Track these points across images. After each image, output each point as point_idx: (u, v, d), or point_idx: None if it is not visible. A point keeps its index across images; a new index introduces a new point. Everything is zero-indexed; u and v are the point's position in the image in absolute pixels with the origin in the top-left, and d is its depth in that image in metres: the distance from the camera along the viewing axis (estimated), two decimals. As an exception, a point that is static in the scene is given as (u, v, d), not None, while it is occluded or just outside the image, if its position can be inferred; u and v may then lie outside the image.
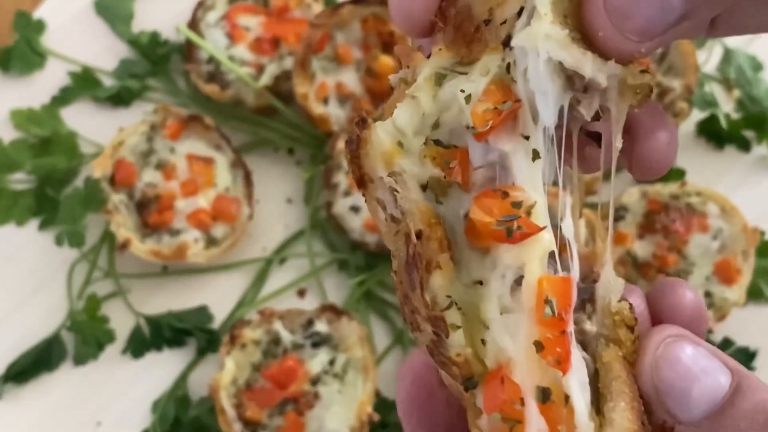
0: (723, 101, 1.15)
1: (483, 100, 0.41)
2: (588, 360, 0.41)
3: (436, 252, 0.40)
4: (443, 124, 0.43)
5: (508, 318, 0.40)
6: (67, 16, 1.17)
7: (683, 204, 1.01)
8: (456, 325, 0.40)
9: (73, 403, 1.01)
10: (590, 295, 0.42)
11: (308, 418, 0.92)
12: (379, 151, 0.43)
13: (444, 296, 0.40)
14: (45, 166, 1.07)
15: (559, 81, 0.41)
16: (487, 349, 0.40)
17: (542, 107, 0.41)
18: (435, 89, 0.43)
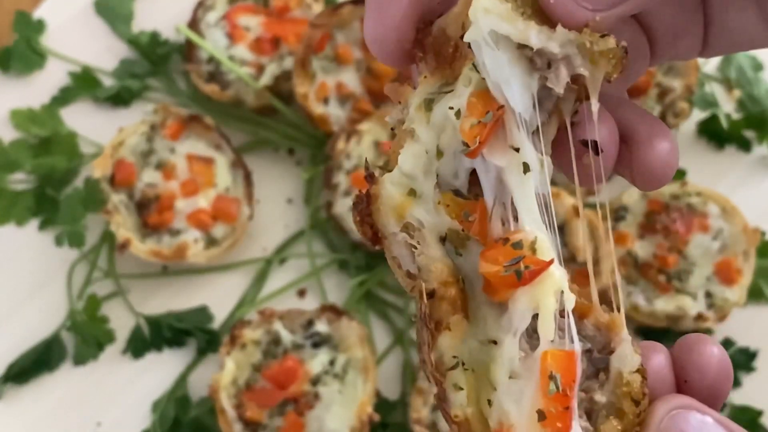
0: (723, 101, 1.15)
1: (468, 115, 0.41)
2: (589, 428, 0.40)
3: (447, 313, 0.41)
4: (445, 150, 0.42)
5: (516, 383, 0.39)
6: (67, 15, 1.17)
7: (684, 204, 1.01)
8: (459, 386, 0.40)
9: (73, 403, 1.01)
10: (605, 365, 0.41)
11: (308, 418, 0.92)
12: (390, 205, 0.43)
13: (451, 356, 0.41)
14: (45, 166, 1.07)
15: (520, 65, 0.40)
16: (492, 410, 0.40)
17: (510, 95, 0.40)
18: (427, 115, 0.42)
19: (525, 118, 0.40)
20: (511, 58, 0.40)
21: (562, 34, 0.40)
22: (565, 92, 0.41)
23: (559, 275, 0.41)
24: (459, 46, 0.42)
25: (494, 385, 0.40)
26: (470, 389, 0.40)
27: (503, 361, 0.40)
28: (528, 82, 0.40)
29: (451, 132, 0.42)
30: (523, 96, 0.40)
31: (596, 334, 0.41)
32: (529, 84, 0.40)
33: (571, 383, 0.38)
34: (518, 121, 0.40)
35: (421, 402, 0.94)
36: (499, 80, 0.40)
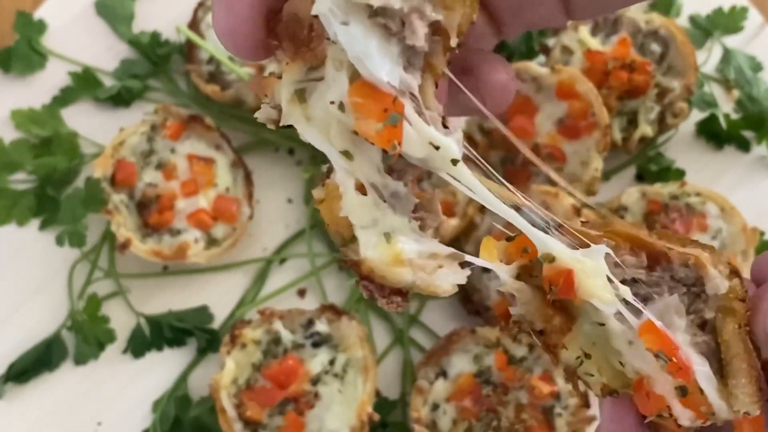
0: (722, 101, 1.15)
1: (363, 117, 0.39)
2: (708, 339, 0.45)
3: (559, 338, 0.46)
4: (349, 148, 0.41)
5: (635, 347, 0.44)
6: (67, 16, 1.17)
7: (683, 204, 1.02)
8: (590, 374, 0.46)
9: (73, 402, 1.01)
10: (702, 290, 0.45)
11: (308, 417, 0.92)
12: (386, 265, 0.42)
13: (574, 359, 0.46)
14: (46, 167, 1.07)
15: (375, 33, 0.39)
16: (626, 369, 0.45)
17: (374, 67, 0.39)
18: (303, 108, 0.41)
19: (392, 81, 0.39)
20: (364, 29, 0.39)
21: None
22: (432, 45, 0.40)
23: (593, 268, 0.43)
24: (313, 26, 0.40)
25: (619, 352, 0.45)
26: (599, 366, 0.46)
27: (616, 336, 0.44)
28: (387, 48, 0.39)
29: (338, 127, 0.40)
30: (386, 64, 0.39)
31: (686, 273, 0.45)
32: (389, 50, 0.39)
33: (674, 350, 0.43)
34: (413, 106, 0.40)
35: (421, 401, 0.94)
36: (358, 54, 0.39)
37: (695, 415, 0.44)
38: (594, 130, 1.01)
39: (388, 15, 0.39)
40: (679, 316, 0.44)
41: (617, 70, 1.05)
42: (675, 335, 0.44)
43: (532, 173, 1.03)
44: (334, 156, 0.41)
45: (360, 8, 0.38)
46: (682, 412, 0.44)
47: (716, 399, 0.44)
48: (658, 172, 1.11)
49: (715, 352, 0.45)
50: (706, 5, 1.18)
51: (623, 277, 0.44)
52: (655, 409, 0.45)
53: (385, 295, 0.43)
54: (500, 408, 0.92)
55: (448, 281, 0.43)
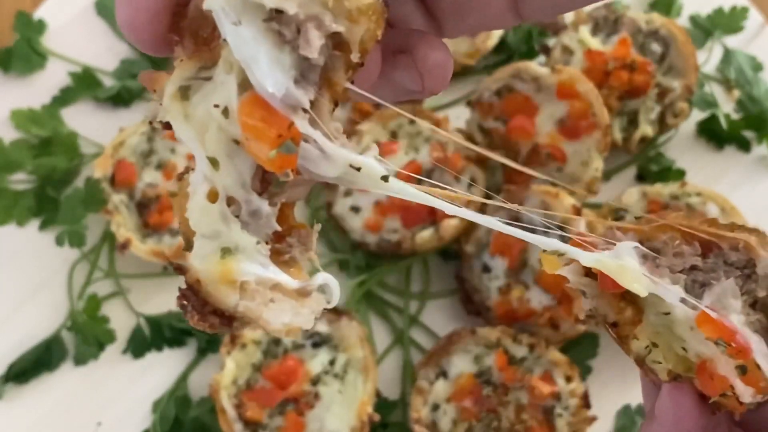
0: (723, 101, 1.15)
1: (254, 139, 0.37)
2: (762, 318, 0.47)
3: (630, 329, 0.48)
4: (218, 156, 0.38)
5: (696, 333, 0.46)
6: (67, 16, 1.17)
7: (683, 204, 1.01)
8: (657, 361, 0.49)
9: (73, 403, 1.01)
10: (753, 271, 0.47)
11: (309, 418, 0.92)
12: (214, 282, 0.39)
13: (643, 348, 0.49)
14: (45, 167, 1.07)
15: (267, 39, 0.36)
16: (689, 354, 0.48)
17: (261, 74, 0.36)
18: (184, 105, 0.38)
19: (277, 93, 0.36)
20: (256, 32, 0.36)
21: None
22: (332, 59, 0.38)
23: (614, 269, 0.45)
24: (215, 26, 0.37)
25: (682, 339, 0.47)
26: (665, 353, 0.49)
27: (680, 323, 0.47)
28: (279, 56, 0.36)
29: (215, 132, 0.38)
30: (275, 73, 0.36)
31: (738, 256, 0.47)
32: (281, 59, 0.36)
33: (732, 336, 0.45)
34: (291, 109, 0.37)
35: (421, 401, 0.94)
36: (246, 58, 0.36)
37: (756, 390, 0.47)
38: (594, 130, 1.01)
39: (284, 21, 0.36)
40: (735, 298, 0.46)
41: (618, 70, 1.05)
42: (731, 317, 0.46)
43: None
44: (200, 159, 0.38)
45: (254, 9, 0.36)
46: (744, 389, 0.46)
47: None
48: (659, 172, 1.11)
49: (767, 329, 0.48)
50: (706, 5, 1.18)
51: (683, 266, 0.46)
52: (719, 389, 0.47)
53: (203, 311, 0.39)
54: (500, 408, 0.92)
55: (277, 318, 0.39)
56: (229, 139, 0.38)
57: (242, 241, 0.39)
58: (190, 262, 0.39)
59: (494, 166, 1.05)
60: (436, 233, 0.98)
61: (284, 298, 0.40)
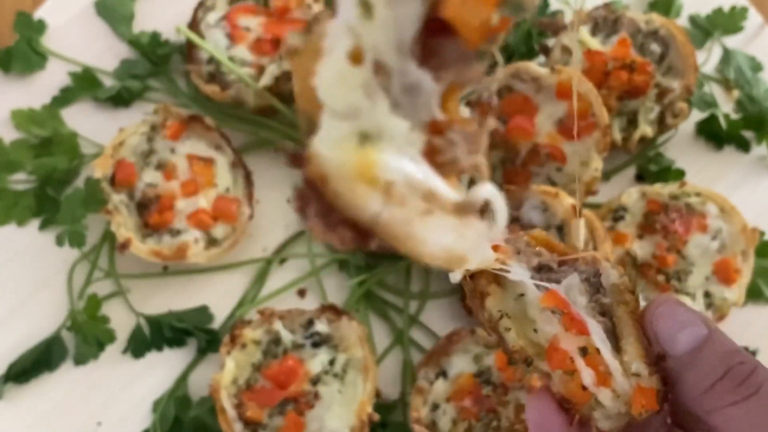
0: (722, 102, 1.15)
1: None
2: (607, 321, 0.55)
3: (486, 286, 0.55)
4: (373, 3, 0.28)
5: (545, 314, 0.55)
6: (67, 16, 1.17)
7: (683, 204, 1.02)
8: (508, 328, 0.55)
9: (73, 402, 1.01)
10: (599, 282, 0.56)
11: (308, 417, 0.92)
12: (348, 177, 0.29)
13: (496, 311, 0.55)
14: (46, 167, 1.07)
15: None
16: (539, 336, 0.55)
17: None
18: None
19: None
20: None
21: None
22: None
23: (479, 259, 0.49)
24: None
25: (533, 321, 0.55)
26: (517, 328, 0.55)
27: (531, 304, 0.55)
28: None
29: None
30: None
31: (587, 268, 0.56)
32: None
33: (565, 306, 0.54)
34: None
35: (421, 401, 0.94)
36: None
37: (597, 377, 0.53)
38: (594, 130, 1.01)
39: None
40: (580, 294, 0.55)
41: (617, 71, 1.05)
42: (578, 310, 0.54)
43: (533, 173, 1.03)
44: (347, 3, 0.28)
45: None
46: (585, 370, 0.54)
47: (612, 359, 0.53)
48: (658, 172, 1.11)
49: (613, 334, 0.55)
50: (706, 5, 1.19)
51: (539, 263, 0.55)
52: (563, 364, 0.54)
53: (329, 220, 0.29)
54: (500, 408, 0.92)
55: (437, 238, 0.30)
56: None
57: (389, 124, 0.29)
58: (313, 149, 0.28)
59: (494, 166, 1.05)
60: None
61: (442, 213, 0.30)
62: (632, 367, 0.53)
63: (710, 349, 0.55)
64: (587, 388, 0.53)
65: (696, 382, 0.54)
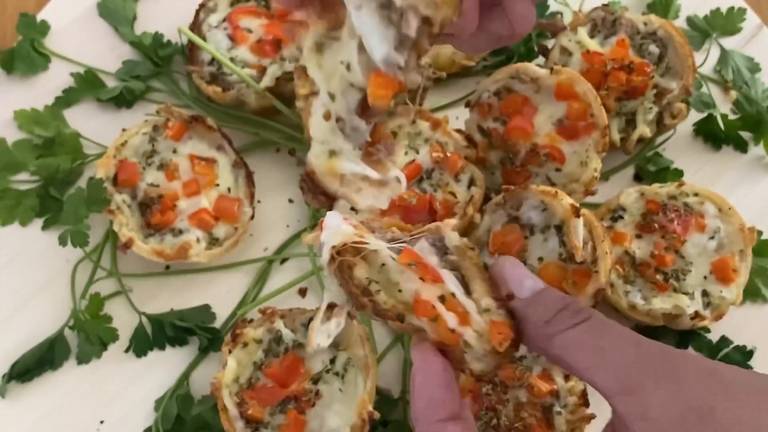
0: (720, 102, 1.15)
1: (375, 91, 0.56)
2: (458, 275, 0.67)
3: (350, 259, 0.65)
4: (336, 93, 0.58)
5: (405, 275, 0.65)
6: (70, 18, 1.18)
7: (681, 204, 1.02)
8: (377, 291, 0.66)
9: (76, 401, 1.02)
10: (445, 246, 0.68)
11: (310, 416, 0.93)
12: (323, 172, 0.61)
13: (365, 279, 0.66)
14: (48, 167, 1.08)
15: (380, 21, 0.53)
16: (404, 294, 0.66)
17: (373, 44, 0.54)
18: (317, 57, 0.58)
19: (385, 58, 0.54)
20: (372, 14, 0.53)
21: None
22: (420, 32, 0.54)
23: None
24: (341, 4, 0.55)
25: (397, 283, 0.66)
26: (385, 292, 0.66)
27: (392, 269, 0.66)
28: (385, 32, 0.54)
29: (339, 78, 0.57)
30: (383, 43, 0.54)
31: (433, 237, 0.68)
32: (386, 34, 0.54)
33: (419, 259, 0.65)
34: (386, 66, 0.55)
35: (421, 399, 0.94)
36: (363, 32, 0.54)
37: (458, 318, 0.65)
38: (593, 131, 1.02)
39: (392, 8, 0.53)
40: (431, 255, 0.67)
41: (616, 71, 1.05)
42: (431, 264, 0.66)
43: (532, 173, 1.03)
44: (323, 93, 0.58)
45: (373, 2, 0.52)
46: (446, 313, 0.65)
47: (465, 299, 0.65)
48: (657, 173, 1.11)
49: (463, 283, 0.67)
50: (704, 7, 1.19)
51: (392, 237, 0.66)
52: (427, 312, 0.65)
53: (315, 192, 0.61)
54: (500, 407, 0.93)
55: (364, 201, 0.62)
56: (347, 83, 0.56)
57: (344, 146, 0.59)
58: (308, 158, 0.60)
59: (493, 166, 1.06)
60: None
61: (370, 187, 0.61)
62: (482, 303, 0.66)
63: (549, 292, 0.69)
64: (454, 331, 0.64)
65: (541, 314, 0.66)
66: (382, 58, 0.54)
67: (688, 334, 1.03)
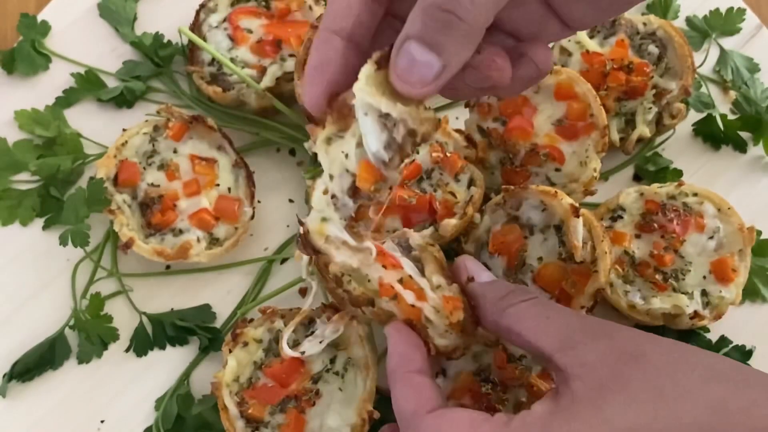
0: (720, 102, 1.16)
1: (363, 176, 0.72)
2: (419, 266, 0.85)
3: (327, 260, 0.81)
4: (334, 174, 0.74)
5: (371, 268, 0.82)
6: (70, 18, 1.18)
7: (680, 204, 1.02)
8: (350, 281, 0.82)
9: (76, 400, 1.02)
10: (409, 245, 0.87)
11: (309, 415, 0.93)
12: (315, 233, 0.79)
13: (339, 272, 0.82)
14: (49, 167, 1.08)
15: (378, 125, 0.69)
16: (372, 283, 0.82)
17: (369, 141, 0.70)
18: (326, 147, 0.73)
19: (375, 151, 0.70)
20: (373, 120, 0.69)
21: (399, 108, 0.68)
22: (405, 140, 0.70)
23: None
24: (351, 109, 0.70)
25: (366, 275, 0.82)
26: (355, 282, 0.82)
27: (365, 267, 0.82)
28: (380, 134, 0.70)
29: (338, 164, 0.73)
30: (377, 142, 0.70)
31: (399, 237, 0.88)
32: (381, 136, 0.70)
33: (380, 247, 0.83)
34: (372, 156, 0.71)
35: (421, 399, 0.95)
36: (364, 131, 0.70)
37: (415, 294, 0.81)
38: (592, 131, 1.02)
39: (389, 118, 0.69)
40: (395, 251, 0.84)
41: (615, 72, 1.06)
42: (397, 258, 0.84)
43: (531, 173, 1.04)
44: (325, 174, 0.74)
45: (375, 109, 0.68)
46: (404, 291, 0.81)
47: (420, 278, 0.82)
48: (656, 173, 1.12)
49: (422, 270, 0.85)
50: (703, 7, 1.20)
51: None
52: (390, 292, 0.81)
53: (306, 245, 0.80)
54: (499, 406, 0.93)
55: (339, 258, 0.80)
56: (344, 168, 0.73)
57: (333, 216, 0.76)
58: (306, 221, 0.78)
59: (493, 166, 1.06)
60: (435, 233, 0.99)
61: (347, 249, 0.80)
62: (434, 280, 0.83)
63: (503, 280, 0.91)
64: (414, 306, 0.81)
65: (496, 292, 0.82)
66: (373, 152, 0.70)
67: (688, 334, 1.03)
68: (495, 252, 0.98)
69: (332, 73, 0.70)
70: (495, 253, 0.98)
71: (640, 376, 0.69)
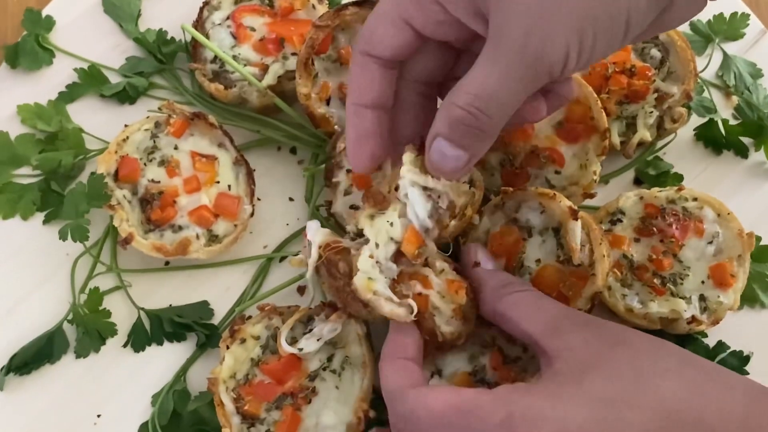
0: (722, 107, 1.15)
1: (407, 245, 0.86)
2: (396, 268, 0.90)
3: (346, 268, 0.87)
4: (380, 243, 0.85)
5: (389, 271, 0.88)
6: (74, 13, 1.18)
7: (679, 208, 1.02)
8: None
9: (74, 395, 1.02)
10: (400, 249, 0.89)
11: (305, 413, 0.93)
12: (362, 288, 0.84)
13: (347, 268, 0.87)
14: (50, 161, 1.09)
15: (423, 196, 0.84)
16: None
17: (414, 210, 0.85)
18: (370, 221, 0.86)
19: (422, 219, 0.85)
20: (418, 192, 0.84)
21: (443, 182, 0.84)
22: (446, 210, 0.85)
23: None
24: (386, 196, 0.87)
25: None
26: None
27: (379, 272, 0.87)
28: (425, 204, 0.84)
29: (384, 234, 0.85)
30: (422, 211, 0.84)
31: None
32: (426, 205, 0.84)
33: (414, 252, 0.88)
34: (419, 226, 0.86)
35: (417, 399, 0.95)
36: (410, 201, 0.84)
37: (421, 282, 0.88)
38: (593, 134, 1.02)
39: (432, 190, 0.84)
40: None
41: (617, 75, 1.06)
42: None
43: (531, 175, 1.04)
44: (372, 242, 0.85)
45: (420, 185, 0.84)
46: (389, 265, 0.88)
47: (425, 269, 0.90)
48: (657, 177, 1.11)
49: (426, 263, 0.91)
50: (706, 11, 1.19)
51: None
52: None
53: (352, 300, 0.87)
54: None
55: (384, 310, 0.84)
56: (389, 237, 0.85)
57: (378, 276, 0.85)
58: (353, 281, 0.84)
59: (493, 168, 1.06)
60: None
61: (390, 303, 0.85)
62: (437, 265, 0.90)
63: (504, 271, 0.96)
64: (421, 294, 0.87)
65: (497, 280, 0.90)
66: (420, 219, 0.84)
67: (685, 339, 1.03)
68: (493, 253, 0.98)
69: (372, 145, 0.85)
70: (493, 255, 0.98)
71: (621, 357, 0.75)
